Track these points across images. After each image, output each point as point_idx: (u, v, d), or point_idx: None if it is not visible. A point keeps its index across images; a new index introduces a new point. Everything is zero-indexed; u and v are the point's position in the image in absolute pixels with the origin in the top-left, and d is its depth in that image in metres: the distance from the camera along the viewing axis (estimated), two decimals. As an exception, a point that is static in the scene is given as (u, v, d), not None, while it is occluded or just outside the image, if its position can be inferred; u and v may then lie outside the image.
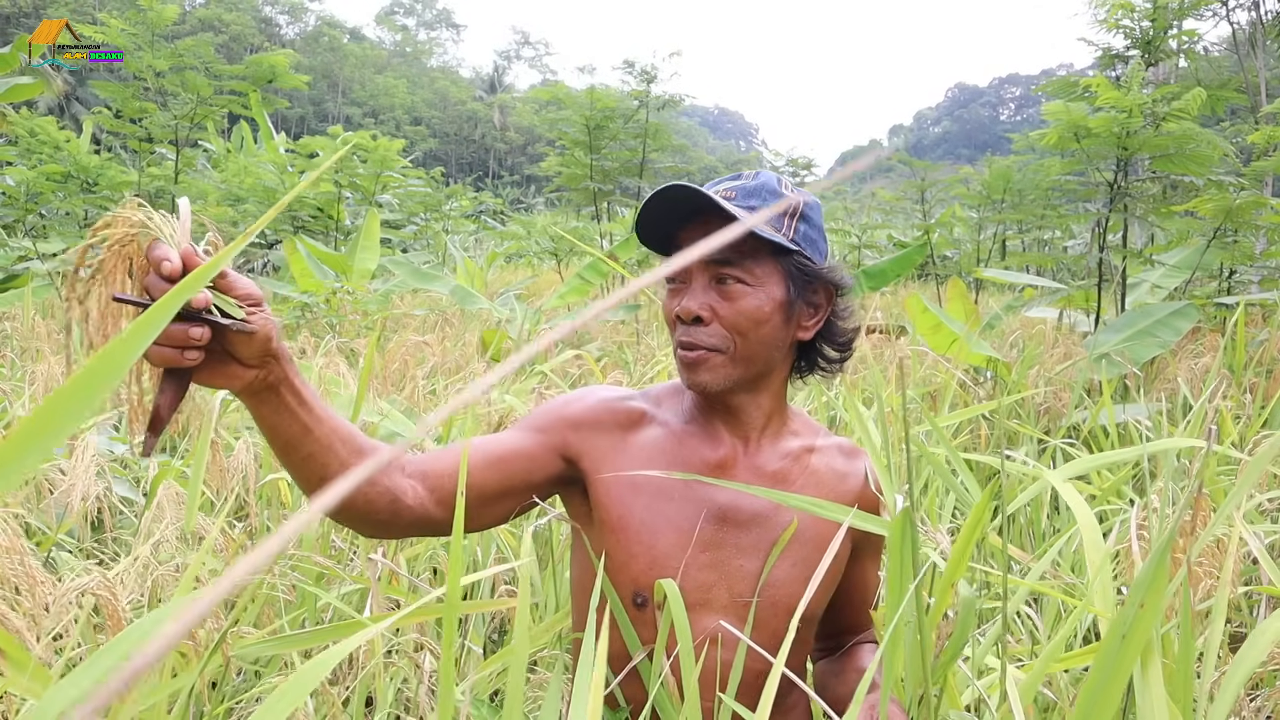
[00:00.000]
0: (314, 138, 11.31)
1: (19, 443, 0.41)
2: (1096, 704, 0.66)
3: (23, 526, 1.96)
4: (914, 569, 0.72)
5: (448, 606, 0.66)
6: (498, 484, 1.09)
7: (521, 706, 0.78)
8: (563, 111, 9.85)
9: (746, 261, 1.10)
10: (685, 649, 0.96)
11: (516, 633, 0.77)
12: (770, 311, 1.11)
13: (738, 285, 1.10)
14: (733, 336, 1.10)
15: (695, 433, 1.18)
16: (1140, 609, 0.64)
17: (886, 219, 14.67)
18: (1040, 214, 7.76)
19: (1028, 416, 3.75)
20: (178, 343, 0.75)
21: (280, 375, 0.87)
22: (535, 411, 1.21)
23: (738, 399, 1.16)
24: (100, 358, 0.46)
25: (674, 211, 1.11)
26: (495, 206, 24.18)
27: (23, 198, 11.65)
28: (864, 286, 6.62)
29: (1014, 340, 5.45)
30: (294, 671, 1.40)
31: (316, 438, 0.90)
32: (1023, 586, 1.38)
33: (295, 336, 5.51)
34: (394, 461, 1.02)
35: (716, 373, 1.11)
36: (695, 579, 1.11)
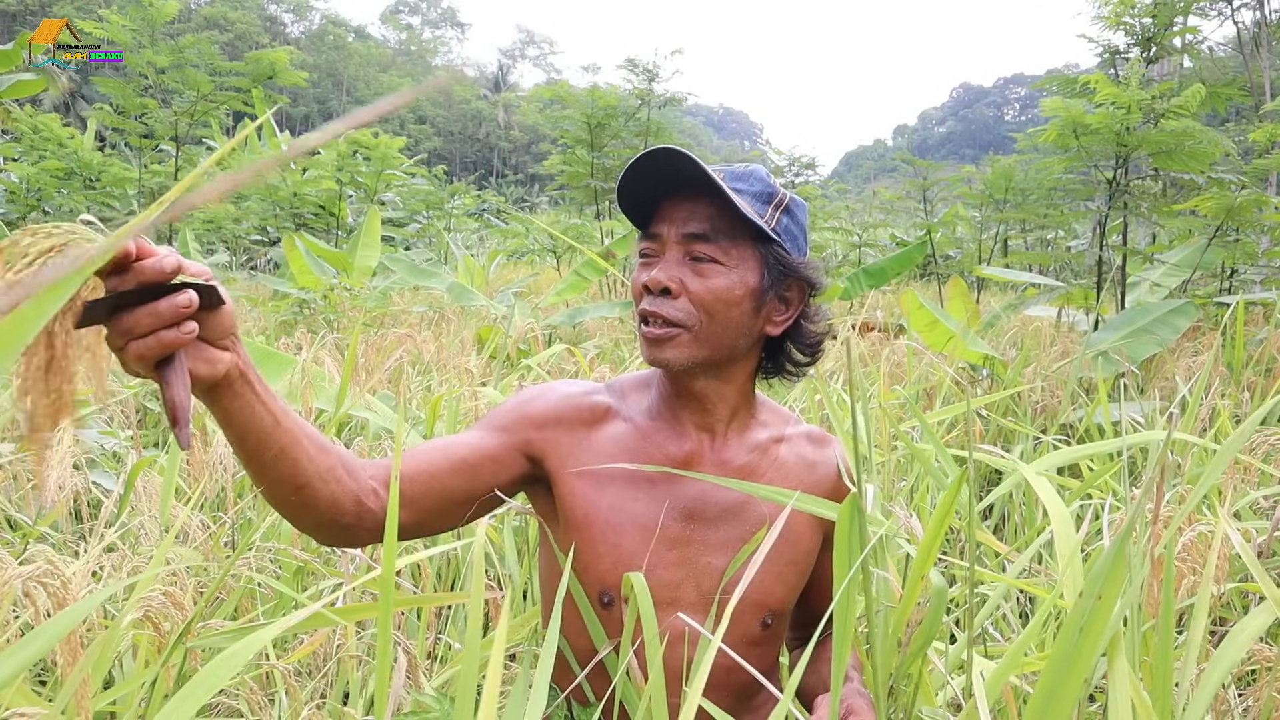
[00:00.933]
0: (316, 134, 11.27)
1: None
2: (1054, 698, 0.65)
3: (4, 520, 1.95)
4: (862, 548, 0.71)
5: (381, 602, 0.64)
6: (463, 488, 1.07)
7: (473, 702, 0.77)
8: (565, 110, 9.85)
9: (724, 240, 1.08)
10: (651, 641, 0.94)
11: (469, 629, 0.76)
12: (741, 295, 1.08)
13: (711, 263, 1.07)
14: (699, 313, 1.07)
15: (660, 428, 1.15)
16: (1098, 600, 0.62)
17: (889, 218, 14.63)
18: (1043, 213, 7.74)
19: (1024, 414, 3.73)
20: (169, 319, 0.71)
21: (245, 360, 0.83)
22: (496, 410, 1.18)
23: (700, 385, 1.13)
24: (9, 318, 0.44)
25: (659, 181, 1.09)
26: (498, 205, 24.20)
27: (25, 194, 11.68)
28: (864, 284, 6.60)
29: (1013, 339, 5.43)
30: (267, 664, 1.39)
31: (285, 429, 0.87)
32: (998, 580, 1.36)
33: (292, 332, 5.50)
34: (356, 464, 0.99)
35: (680, 350, 1.08)
36: (663, 577, 1.09)
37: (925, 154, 79.35)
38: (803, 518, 1.15)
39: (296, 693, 1.14)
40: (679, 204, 1.10)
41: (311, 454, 0.90)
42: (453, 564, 1.96)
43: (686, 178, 1.08)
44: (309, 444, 0.90)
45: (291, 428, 0.88)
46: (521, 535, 1.79)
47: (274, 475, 0.89)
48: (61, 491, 1.64)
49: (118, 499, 1.77)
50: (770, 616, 1.13)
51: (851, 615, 0.69)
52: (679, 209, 1.10)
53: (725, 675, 1.10)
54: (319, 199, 11.63)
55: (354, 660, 1.36)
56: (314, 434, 0.92)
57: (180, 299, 0.71)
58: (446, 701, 0.99)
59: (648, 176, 1.09)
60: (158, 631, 1.10)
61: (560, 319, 5.95)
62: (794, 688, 0.72)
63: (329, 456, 0.93)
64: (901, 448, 2.64)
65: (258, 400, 0.84)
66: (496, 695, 0.69)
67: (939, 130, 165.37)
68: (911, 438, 2.60)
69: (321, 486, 0.92)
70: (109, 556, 1.50)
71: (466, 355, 3.92)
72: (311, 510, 0.93)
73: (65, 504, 1.79)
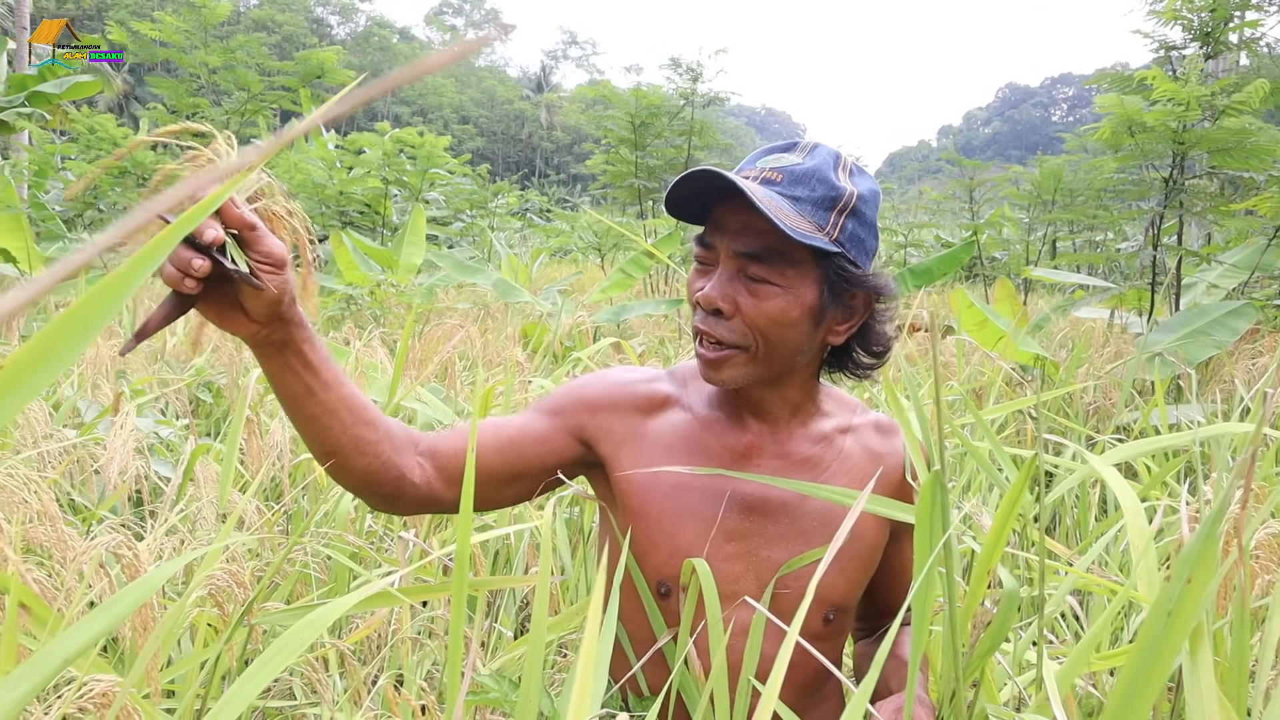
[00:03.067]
0: (361, 134, 11.45)
1: (39, 350, 0.41)
2: (1138, 687, 0.63)
3: (68, 502, 1.99)
4: (944, 528, 0.69)
5: (455, 583, 0.64)
6: (507, 466, 1.07)
7: (540, 686, 0.77)
8: (608, 110, 9.87)
9: (777, 261, 1.00)
10: (715, 630, 0.93)
11: (535, 612, 0.75)
12: (798, 317, 1.02)
13: (766, 284, 1.01)
14: (754, 335, 1.02)
15: (720, 418, 1.12)
16: (1187, 584, 0.60)
17: (934, 219, 14.47)
18: (1092, 214, 7.61)
19: (1076, 416, 3.67)
20: (180, 267, 0.79)
21: (287, 337, 0.89)
22: (553, 393, 1.16)
23: (759, 392, 1.10)
24: (105, 284, 0.45)
25: (709, 189, 1.02)
26: (541, 204, 24.30)
27: (81, 191, 11.96)
28: (909, 284, 6.54)
29: (1063, 340, 5.34)
30: (323, 646, 1.40)
31: (320, 401, 0.93)
32: (1063, 579, 1.34)
33: (340, 327, 5.57)
34: (406, 440, 1.02)
35: (737, 371, 1.03)
36: (722, 570, 1.06)
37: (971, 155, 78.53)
38: (872, 515, 1.12)
39: (355, 673, 1.15)
40: (733, 214, 1.02)
41: (346, 425, 0.95)
42: (503, 553, 1.97)
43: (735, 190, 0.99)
44: (347, 416, 0.95)
45: (329, 401, 0.93)
46: (574, 526, 1.79)
47: (306, 436, 0.96)
48: (123, 476, 1.67)
49: (177, 485, 1.80)
50: (832, 612, 1.11)
51: (931, 600, 0.68)
52: (732, 220, 1.02)
53: (789, 671, 1.08)
54: (365, 197, 11.76)
55: (409, 643, 1.37)
56: (360, 409, 0.96)
57: (195, 261, 0.78)
58: (504, 683, 0.99)
59: (704, 184, 1.00)
60: (221, 610, 1.12)
61: (605, 316, 5.96)
62: (870, 688, 0.70)
63: (371, 431, 0.97)
64: (951, 447, 2.61)
65: (290, 371, 0.91)
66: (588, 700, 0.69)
67: (984, 131, 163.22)
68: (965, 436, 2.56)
69: (356, 457, 0.97)
70: (169, 540, 1.53)
71: (513, 350, 3.94)
72: (346, 475, 0.99)
73: (126, 489, 1.82)
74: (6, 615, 0.85)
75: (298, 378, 0.91)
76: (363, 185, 11.42)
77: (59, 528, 1.07)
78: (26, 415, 1.88)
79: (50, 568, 1.22)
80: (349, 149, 12.20)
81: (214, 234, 0.78)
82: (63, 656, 0.56)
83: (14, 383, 0.43)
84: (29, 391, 0.43)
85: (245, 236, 0.82)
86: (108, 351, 3.09)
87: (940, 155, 12.14)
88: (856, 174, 1.06)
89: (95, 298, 0.44)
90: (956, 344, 3.74)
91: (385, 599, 0.92)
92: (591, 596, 0.56)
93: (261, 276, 0.82)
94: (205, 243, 0.78)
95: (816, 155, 1.04)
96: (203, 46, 9.05)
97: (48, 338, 0.43)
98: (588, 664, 0.48)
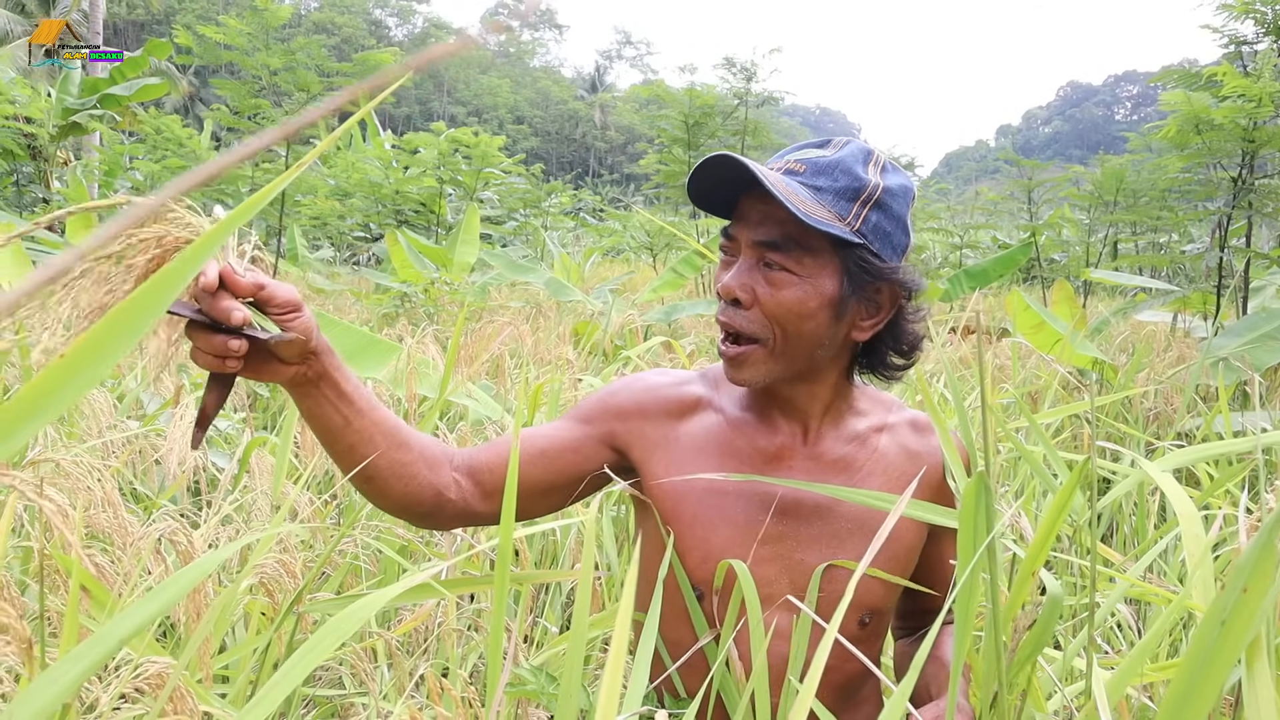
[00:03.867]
0: (417, 134, 11.59)
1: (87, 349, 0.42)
2: (1189, 699, 0.61)
3: (130, 491, 2.05)
4: (988, 530, 0.68)
5: (498, 575, 0.65)
6: (542, 478, 1.08)
7: (580, 682, 0.77)
8: (662, 109, 9.86)
9: (795, 250, 0.99)
10: (756, 631, 0.93)
11: (577, 607, 0.76)
12: (815, 307, 1.00)
13: (784, 273, 1.00)
14: (772, 326, 1.01)
15: (751, 420, 1.11)
16: (1243, 593, 0.58)
17: (991, 220, 14.23)
18: (1156, 215, 7.42)
19: (1135, 422, 3.58)
20: (219, 353, 0.80)
21: (320, 370, 0.91)
22: (583, 401, 1.16)
23: (788, 391, 1.08)
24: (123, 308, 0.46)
25: (737, 177, 1.01)
26: (594, 204, 24.41)
27: (149, 191, 12.31)
28: (965, 286, 6.44)
29: (1123, 344, 5.21)
30: (371, 636, 1.42)
31: (356, 429, 0.94)
32: (1121, 579, 1.30)
33: (394, 324, 5.65)
34: (441, 456, 1.04)
35: (757, 369, 1.03)
36: (756, 573, 1.04)
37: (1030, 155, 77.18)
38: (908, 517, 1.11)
39: (401, 663, 1.17)
40: (754, 204, 1.02)
41: (384, 451, 0.96)
42: (549, 551, 1.98)
43: (754, 179, 0.99)
44: (382, 441, 0.96)
45: (364, 428, 0.95)
46: (620, 524, 1.80)
47: (343, 465, 0.98)
48: (182, 466, 1.71)
49: (232, 475, 1.84)
50: (868, 615, 1.09)
51: (974, 603, 0.67)
52: (753, 210, 1.02)
53: (825, 673, 1.07)
54: (420, 196, 11.92)
55: (455, 635, 1.39)
56: (394, 432, 0.98)
57: (233, 344, 0.80)
58: (543, 676, 0.99)
59: (725, 173, 1.01)
60: (271, 598, 1.14)
61: (656, 316, 5.96)
62: (908, 689, 0.69)
63: (406, 452, 0.99)
64: (1005, 451, 2.56)
65: (327, 403, 0.92)
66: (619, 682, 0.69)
67: (1044, 130, 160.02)
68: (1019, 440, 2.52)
69: (395, 481, 0.99)
70: (224, 530, 1.57)
71: (564, 348, 3.96)
72: (385, 499, 1.01)
73: (185, 479, 1.87)
74: (69, 597, 0.88)
75: (334, 409, 0.93)
76: (418, 184, 11.58)
77: (120, 514, 1.10)
78: (92, 406, 1.94)
79: (112, 554, 1.26)
80: (405, 149, 12.38)
81: (241, 315, 0.79)
82: (119, 636, 0.58)
83: (69, 373, 0.45)
84: (86, 382, 0.45)
85: (258, 297, 0.83)
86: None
87: (998, 155, 11.93)
88: (889, 170, 1.05)
89: (139, 300, 0.46)
90: (1011, 347, 3.67)
91: (429, 591, 0.93)
92: (623, 596, 0.56)
93: (287, 325, 0.84)
94: (235, 324, 0.79)
95: (845, 149, 1.04)
96: (264, 49, 9.24)
97: (97, 335, 0.45)
98: (616, 661, 0.48)
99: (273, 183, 0.57)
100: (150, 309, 0.46)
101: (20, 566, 1.41)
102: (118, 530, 1.10)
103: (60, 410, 0.43)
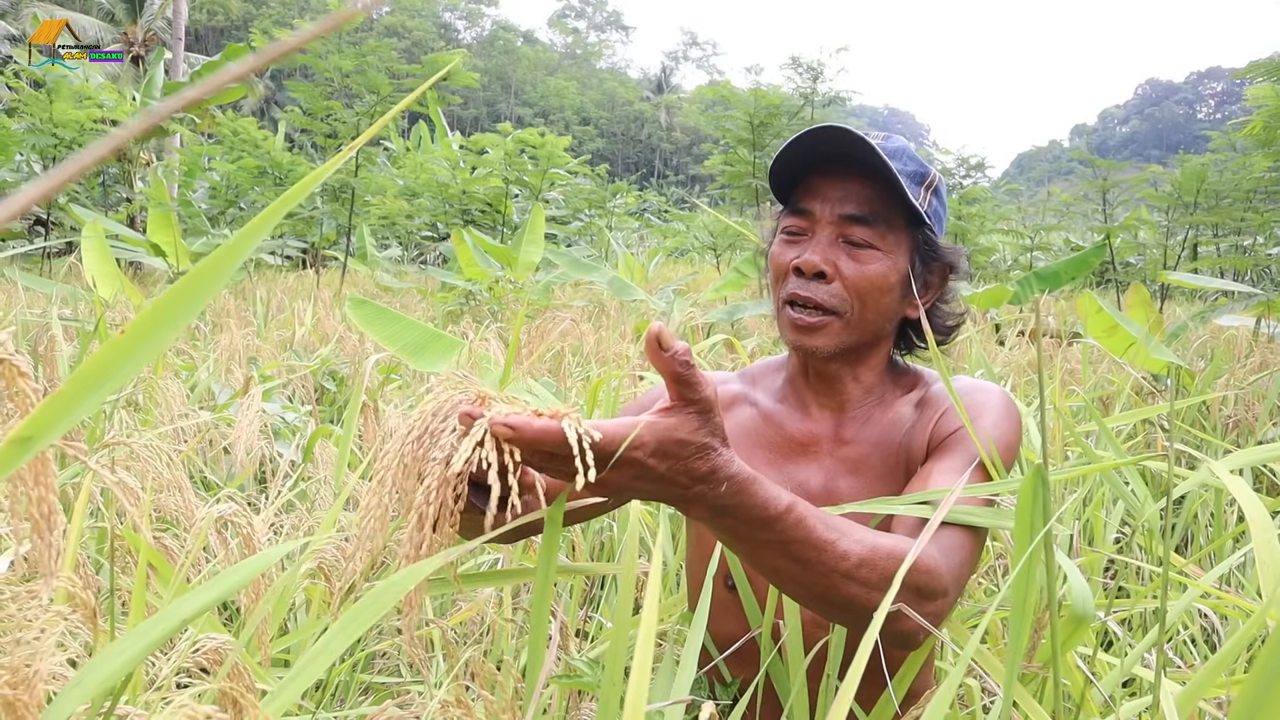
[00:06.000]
0: (484, 135, 11.74)
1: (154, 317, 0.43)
2: (1255, 715, 0.59)
3: (200, 479, 2.11)
4: (1045, 520, 0.66)
5: (541, 563, 0.65)
6: None
7: (623, 670, 0.77)
8: (728, 110, 9.84)
9: (880, 225, 1.03)
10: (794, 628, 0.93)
11: (620, 600, 0.76)
12: (894, 282, 1.05)
13: (869, 249, 1.03)
14: (852, 299, 1.04)
15: (783, 410, 1.13)
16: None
17: (1063, 222, 13.88)
18: (1239, 217, 7.17)
19: (1213, 429, 3.46)
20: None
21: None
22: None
23: (835, 368, 1.10)
24: (187, 280, 0.47)
25: (815, 156, 1.05)
26: (659, 204, 24.46)
27: (225, 190, 12.68)
28: (1035, 288, 6.30)
29: (1201, 349, 5.04)
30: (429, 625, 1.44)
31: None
32: (1193, 586, 1.26)
33: (459, 321, 5.73)
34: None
35: (830, 338, 1.04)
36: None
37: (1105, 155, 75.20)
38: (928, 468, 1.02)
39: (455, 652, 1.18)
40: (833, 181, 1.05)
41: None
42: (606, 547, 1.99)
43: (842, 155, 1.03)
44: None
45: None
46: (677, 520, 1.80)
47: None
48: (249, 454, 1.76)
49: (291, 462, 1.89)
50: None
51: (1032, 594, 0.65)
52: (833, 187, 1.05)
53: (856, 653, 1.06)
54: (486, 196, 12.08)
55: (509, 627, 1.40)
56: None
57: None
58: (597, 668, 1.00)
59: (803, 150, 1.04)
60: (329, 583, 1.17)
61: (718, 316, 5.94)
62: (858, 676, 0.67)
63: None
64: (1074, 457, 2.50)
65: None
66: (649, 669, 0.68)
67: (1121, 130, 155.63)
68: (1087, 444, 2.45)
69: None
70: (287, 517, 1.60)
71: (625, 346, 3.98)
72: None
73: (252, 468, 1.92)
74: (137, 575, 0.91)
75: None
76: (485, 185, 11.74)
77: (187, 498, 1.13)
78: (165, 395, 2.00)
79: (182, 539, 1.30)
80: (472, 149, 12.55)
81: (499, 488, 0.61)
82: (183, 616, 0.59)
83: (135, 344, 0.46)
84: (149, 352, 0.46)
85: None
86: (241, 340, 3.26)
87: (1071, 155, 11.64)
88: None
89: (200, 273, 0.47)
90: (1082, 350, 3.57)
91: (475, 580, 0.94)
92: (648, 588, 0.56)
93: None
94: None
95: (895, 140, 1.10)
96: (337, 52, 9.46)
97: (161, 306, 0.46)
98: (645, 648, 0.48)
99: (329, 167, 0.58)
100: (203, 287, 0.47)
101: (95, 546, 1.47)
102: (185, 513, 1.13)
103: (123, 381, 0.44)
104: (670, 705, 0.71)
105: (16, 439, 0.46)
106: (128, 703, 0.82)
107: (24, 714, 0.58)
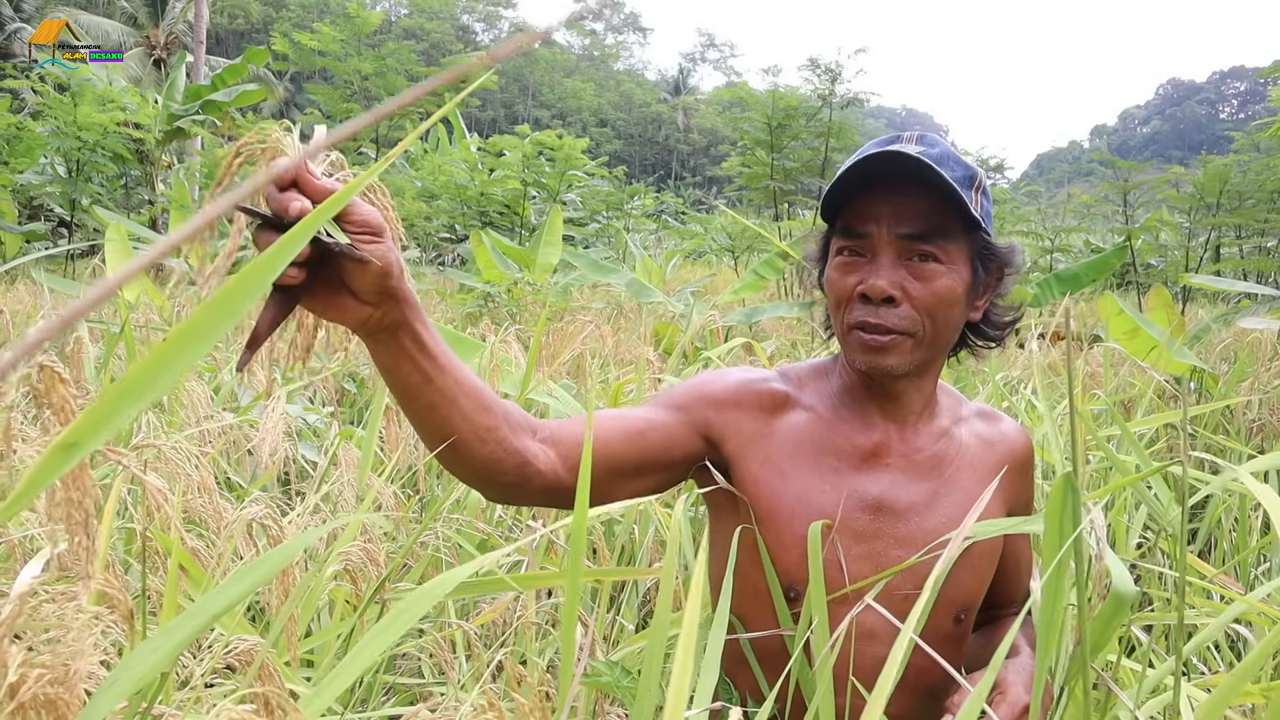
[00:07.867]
0: (502, 136, 11.78)
1: (167, 352, 0.44)
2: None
3: (224, 480, 2.13)
4: (1075, 526, 0.66)
5: (570, 562, 0.66)
6: (634, 457, 1.04)
7: (659, 678, 0.77)
8: (745, 112, 9.84)
9: (940, 239, 1.02)
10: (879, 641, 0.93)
11: (659, 606, 0.76)
12: (961, 294, 1.04)
13: (933, 264, 1.02)
14: (923, 319, 1.02)
15: (846, 418, 1.10)
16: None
17: (1083, 223, 13.77)
18: (1263, 218, 7.11)
19: (1237, 434, 3.43)
20: None
21: (399, 318, 0.82)
22: (673, 390, 1.15)
23: (901, 384, 1.08)
24: (229, 288, 0.48)
25: (861, 172, 1.02)
26: (676, 206, 24.46)
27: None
28: (1055, 290, 6.26)
29: (1224, 352, 4.99)
30: (451, 628, 1.45)
31: (438, 388, 0.87)
32: (1213, 603, 1.25)
33: (477, 323, 5.75)
34: (525, 425, 0.98)
35: (903, 357, 1.03)
36: (850, 572, 1.04)
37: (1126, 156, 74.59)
38: (992, 503, 1.10)
39: (480, 654, 1.19)
40: (885, 199, 1.03)
41: (466, 412, 0.89)
42: (627, 550, 1.99)
43: (892, 171, 1.01)
44: (466, 403, 0.89)
45: (446, 386, 0.87)
46: (698, 524, 1.80)
47: (421, 425, 0.90)
48: (273, 457, 1.77)
49: (319, 466, 1.90)
50: (962, 612, 1.09)
51: (1060, 601, 0.65)
52: (885, 205, 1.02)
53: (917, 676, 1.05)
54: (505, 198, 12.11)
55: (533, 628, 1.40)
56: (478, 394, 0.90)
57: None
58: (617, 669, 1.00)
59: (870, 168, 1.02)
60: (355, 585, 1.18)
61: (737, 318, 5.94)
62: (988, 687, 0.67)
63: (490, 416, 0.91)
64: (1095, 461, 2.48)
65: (405, 356, 0.84)
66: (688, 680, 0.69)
67: (1142, 131, 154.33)
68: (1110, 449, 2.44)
69: (477, 445, 0.91)
70: (312, 519, 1.62)
71: (645, 349, 3.98)
72: (465, 465, 0.93)
73: (275, 470, 1.94)
74: (168, 576, 0.92)
75: (413, 364, 0.85)
76: (503, 186, 11.77)
77: (215, 500, 1.15)
78: (190, 397, 2.02)
79: (208, 539, 1.31)
80: (490, 151, 12.60)
81: (300, 206, 0.70)
82: (212, 611, 0.60)
83: (170, 356, 0.47)
84: (184, 364, 0.47)
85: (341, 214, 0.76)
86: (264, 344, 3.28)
87: (1092, 156, 11.56)
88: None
89: (239, 281, 0.48)
90: (1104, 352, 3.55)
91: (501, 585, 0.95)
92: (690, 592, 0.57)
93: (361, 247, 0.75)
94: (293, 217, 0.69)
95: (936, 143, 1.07)
96: (356, 55, 9.53)
97: (194, 323, 0.47)
98: (685, 655, 0.49)
99: (367, 172, 0.59)
100: (246, 295, 0.48)
101: (124, 547, 1.49)
102: (212, 515, 1.15)
103: (165, 388, 0.45)
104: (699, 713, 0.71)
105: (62, 445, 0.47)
106: (162, 702, 0.83)
107: (65, 713, 0.59)
